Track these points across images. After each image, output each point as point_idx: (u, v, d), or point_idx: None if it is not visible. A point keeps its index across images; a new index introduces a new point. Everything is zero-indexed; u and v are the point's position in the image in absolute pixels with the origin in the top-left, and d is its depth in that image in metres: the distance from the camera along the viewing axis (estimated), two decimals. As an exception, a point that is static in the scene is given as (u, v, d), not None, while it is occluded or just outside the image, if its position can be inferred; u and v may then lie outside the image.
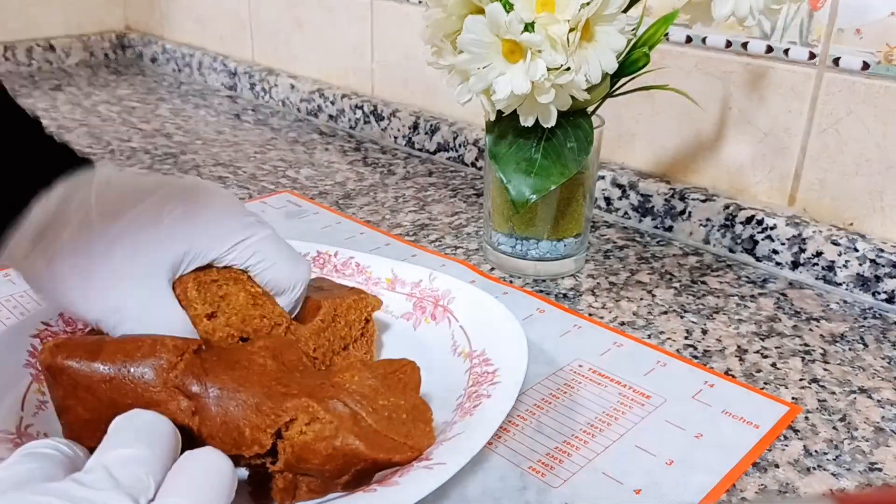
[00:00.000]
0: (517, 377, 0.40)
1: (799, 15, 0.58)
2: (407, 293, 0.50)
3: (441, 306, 0.48)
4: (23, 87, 1.11)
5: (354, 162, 0.83)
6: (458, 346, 0.45)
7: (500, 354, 0.42)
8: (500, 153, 0.52)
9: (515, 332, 0.44)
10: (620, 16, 0.48)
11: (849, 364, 0.49)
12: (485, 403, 0.38)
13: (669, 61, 0.66)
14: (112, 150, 0.85)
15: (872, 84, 0.56)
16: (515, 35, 0.45)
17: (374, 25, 0.91)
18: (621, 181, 0.69)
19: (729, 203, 0.63)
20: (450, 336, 0.46)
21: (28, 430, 0.37)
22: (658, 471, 0.39)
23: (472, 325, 0.46)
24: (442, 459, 0.34)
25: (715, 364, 0.48)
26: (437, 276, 0.50)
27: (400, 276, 0.51)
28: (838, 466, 0.40)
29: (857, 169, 0.58)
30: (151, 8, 1.28)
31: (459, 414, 0.39)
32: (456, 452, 0.34)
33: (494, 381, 0.40)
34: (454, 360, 0.45)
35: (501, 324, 0.45)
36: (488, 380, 0.41)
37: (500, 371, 0.41)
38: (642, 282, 0.58)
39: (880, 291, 0.56)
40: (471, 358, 0.44)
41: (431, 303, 0.49)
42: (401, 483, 0.33)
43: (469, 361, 0.44)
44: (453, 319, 0.47)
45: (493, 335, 0.44)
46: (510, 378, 0.40)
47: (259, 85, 1.06)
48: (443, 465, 0.33)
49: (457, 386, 0.42)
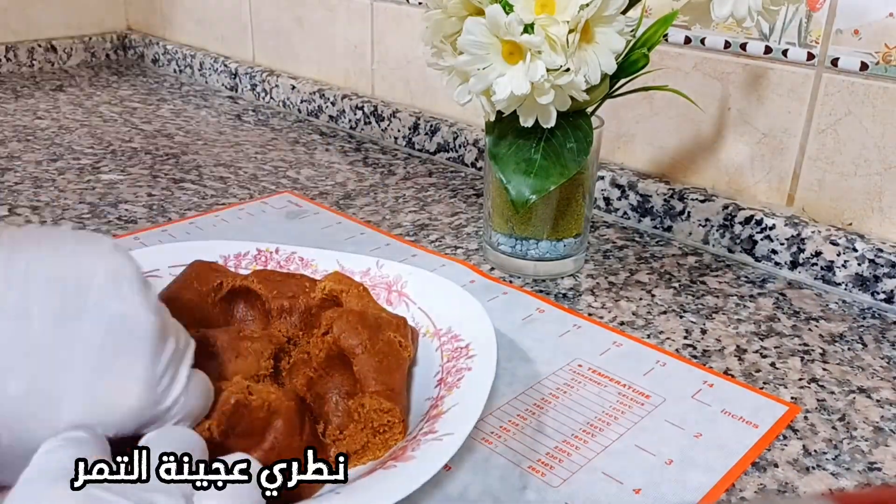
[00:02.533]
0: (490, 348, 0.41)
1: (797, 16, 0.58)
2: None
3: (395, 291, 0.49)
4: (24, 87, 1.11)
5: (355, 162, 0.84)
6: (420, 327, 0.46)
7: (466, 329, 0.44)
8: (499, 154, 0.52)
9: (474, 307, 0.45)
10: (619, 17, 0.48)
11: (848, 364, 0.49)
12: (467, 375, 0.40)
13: (668, 62, 0.66)
14: (113, 150, 0.85)
15: (871, 85, 0.56)
16: (515, 36, 0.46)
17: (374, 26, 0.91)
18: (621, 181, 0.69)
19: (728, 203, 0.63)
20: (410, 318, 0.47)
21: None
22: (657, 470, 0.39)
23: (430, 306, 0.47)
24: (448, 430, 0.35)
25: (714, 364, 0.48)
26: (385, 262, 0.50)
27: (347, 266, 0.51)
28: (837, 466, 0.40)
29: (856, 169, 0.58)
30: (153, 9, 1.28)
31: (444, 389, 0.40)
32: (460, 421, 0.36)
33: (471, 355, 0.42)
34: (422, 340, 0.46)
35: (458, 301, 0.46)
36: (464, 354, 0.42)
37: (473, 344, 0.42)
38: (642, 282, 0.59)
39: (879, 291, 0.56)
40: (438, 336, 0.45)
41: (384, 289, 0.49)
42: (416, 456, 0.34)
43: (437, 340, 0.45)
44: (410, 302, 0.48)
45: (454, 313, 0.45)
46: (484, 349, 0.41)
47: (260, 86, 1.06)
48: (451, 434, 0.35)
49: (432, 364, 0.43)
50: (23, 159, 0.81)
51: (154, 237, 0.63)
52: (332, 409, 0.39)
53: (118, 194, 0.72)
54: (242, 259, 0.52)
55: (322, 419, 0.39)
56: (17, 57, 1.20)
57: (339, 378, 0.40)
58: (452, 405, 0.38)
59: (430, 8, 0.50)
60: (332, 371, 0.40)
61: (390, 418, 0.37)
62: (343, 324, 0.40)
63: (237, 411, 0.35)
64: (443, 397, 0.39)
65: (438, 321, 0.46)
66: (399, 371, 0.40)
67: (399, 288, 0.49)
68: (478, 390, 0.38)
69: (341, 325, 0.40)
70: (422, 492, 0.36)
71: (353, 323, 0.40)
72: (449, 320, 0.45)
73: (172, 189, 0.74)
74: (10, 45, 1.19)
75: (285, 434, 0.35)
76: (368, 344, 0.39)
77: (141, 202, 0.71)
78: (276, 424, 0.35)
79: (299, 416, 0.36)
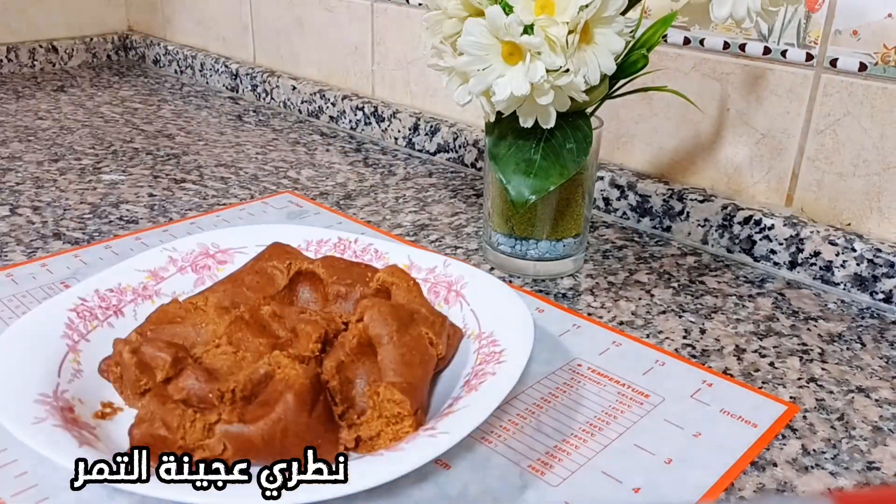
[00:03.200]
0: (521, 357, 0.41)
1: (796, 17, 0.58)
2: (422, 278, 0.51)
3: (454, 291, 0.50)
4: (25, 88, 1.11)
5: (355, 163, 0.84)
6: (468, 329, 0.47)
7: (507, 336, 0.44)
8: (499, 154, 0.53)
9: (522, 315, 0.45)
10: (619, 18, 0.48)
11: (847, 363, 0.49)
12: (489, 380, 0.40)
13: (668, 63, 0.66)
14: (114, 151, 0.85)
15: (870, 85, 0.56)
16: (515, 37, 0.46)
17: (374, 27, 0.91)
18: (620, 182, 0.69)
19: (727, 203, 0.63)
20: (461, 319, 0.48)
21: (63, 394, 0.39)
22: (656, 469, 0.39)
23: (481, 309, 0.47)
24: (446, 429, 0.36)
25: (713, 363, 0.48)
26: (451, 262, 0.52)
27: (416, 262, 0.52)
28: (836, 465, 0.40)
29: (855, 170, 0.58)
30: (154, 10, 1.28)
31: (465, 390, 0.40)
32: (460, 423, 0.36)
33: (500, 360, 0.42)
34: (464, 342, 0.46)
35: (510, 308, 0.46)
36: (495, 359, 0.42)
37: (507, 351, 0.42)
38: (641, 282, 0.59)
39: (878, 291, 0.56)
40: (479, 339, 0.45)
41: (445, 287, 0.50)
42: (406, 449, 0.35)
43: (478, 343, 0.45)
44: (465, 303, 0.49)
45: (502, 318, 0.46)
46: (515, 358, 0.41)
47: (260, 86, 1.06)
48: (446, 434, 0.35)
49: (466, 365, 0.44)
50: (24, 160, 0.81)
51: (155, 237, 0.63)
52: (358, 393, 0.40)
53: (119, 194, 0.73)
54: (323, 245, 0.55)
55: (347, 403, 0.40)
56: (18, 57, 1.20)
57: (368, 365, 0.41)
58: (463, 406, 0.38)
59: (430, 9, 0.51)
60: (362, 357, 0.41)
61: (401, 410, 0.38)
62: (374, 313, 0.42)
63: (262, 381, 0.38)
64: (460, 398, 0.40)
65: (485, 324, 0.46)
66: (423, 367, 0.41)
67: (458, 288, 0.50)
68: (491, 395, 0.38)
69: (372, 314, 0.41)
70: (420, 490, 0.37)
71: (384, 313, 0.42)
72: (494, 325, 0.46)
73: (173, 189, 0.74)
74: (11, 46, 1.19)
75: (294, 409, 0.36)
76: (396, 336, 0.41)
77: (142, 202, 0.71)
78: (287, 398, 0.36)
79: (312, 394, 0.37)
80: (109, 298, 0.48)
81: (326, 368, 0.40)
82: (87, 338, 0.44)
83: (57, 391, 0.39)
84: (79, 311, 0.46)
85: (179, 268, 0.52)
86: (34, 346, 0.42)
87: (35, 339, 0.42)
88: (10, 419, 0.35)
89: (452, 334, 0.45)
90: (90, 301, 0.47)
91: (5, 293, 0.53)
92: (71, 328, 0.44)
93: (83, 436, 0.36)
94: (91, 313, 0.46)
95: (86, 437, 0.36)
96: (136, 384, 0.40)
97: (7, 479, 0.37)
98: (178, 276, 0.51)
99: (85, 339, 0.44)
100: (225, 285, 0.48)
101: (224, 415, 0.36)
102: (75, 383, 0.41)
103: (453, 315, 0.48)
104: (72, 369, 0.42)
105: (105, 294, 0.48)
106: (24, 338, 0.42)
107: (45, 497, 0.36)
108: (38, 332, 0.43)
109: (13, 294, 0.53)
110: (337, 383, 0.40)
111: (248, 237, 0.55)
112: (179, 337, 0.43)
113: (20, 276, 0.56)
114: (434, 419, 0.38)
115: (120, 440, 0.38)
